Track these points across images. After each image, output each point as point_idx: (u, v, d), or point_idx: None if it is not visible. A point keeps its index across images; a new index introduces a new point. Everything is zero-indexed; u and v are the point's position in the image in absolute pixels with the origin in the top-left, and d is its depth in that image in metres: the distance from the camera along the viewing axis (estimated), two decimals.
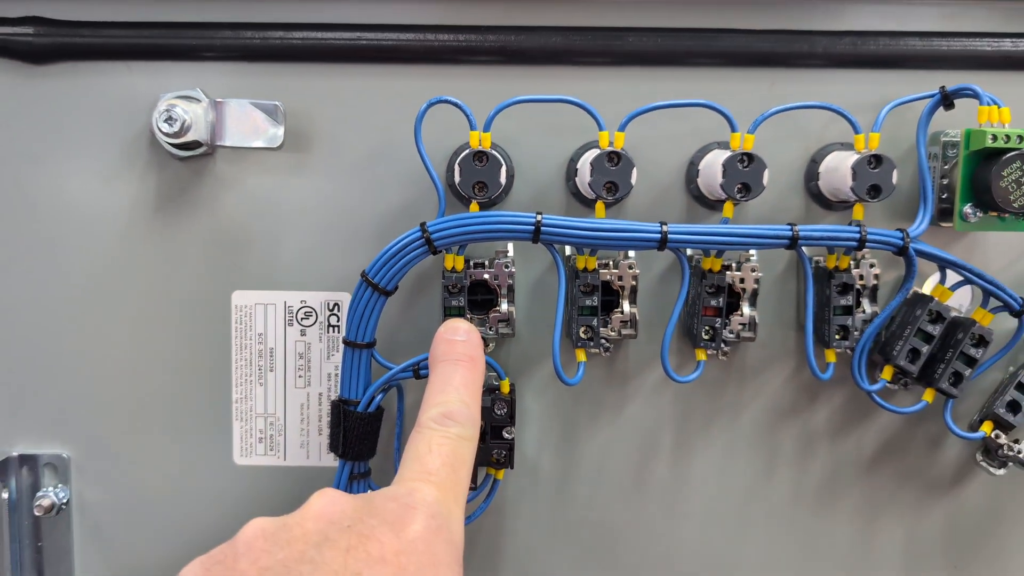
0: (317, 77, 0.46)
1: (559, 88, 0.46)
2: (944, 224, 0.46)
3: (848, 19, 0.47)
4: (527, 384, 0.49)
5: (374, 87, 0.46)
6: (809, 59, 0.46)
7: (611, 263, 0.46)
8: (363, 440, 0.45)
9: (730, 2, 0.47)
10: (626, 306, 0.47)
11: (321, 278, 0.48)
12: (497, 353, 0.48)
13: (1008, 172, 0.42)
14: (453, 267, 0.45)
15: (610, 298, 0.47)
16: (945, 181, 0.45)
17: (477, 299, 0.47)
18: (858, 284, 0.46)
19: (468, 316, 0.46)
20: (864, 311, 0.46)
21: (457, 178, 0.43)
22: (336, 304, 0.48)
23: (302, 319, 0.48)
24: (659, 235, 0.42)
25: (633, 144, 0.46)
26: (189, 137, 0.44)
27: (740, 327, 0.46)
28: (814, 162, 0.47)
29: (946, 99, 0.44)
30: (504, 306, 0.46)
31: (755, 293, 0.46)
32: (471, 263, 0.46)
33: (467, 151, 0.43)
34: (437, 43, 0.46)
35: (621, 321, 0.47)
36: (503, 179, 0.43)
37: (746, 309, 0.46)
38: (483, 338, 0.46)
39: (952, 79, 0.46)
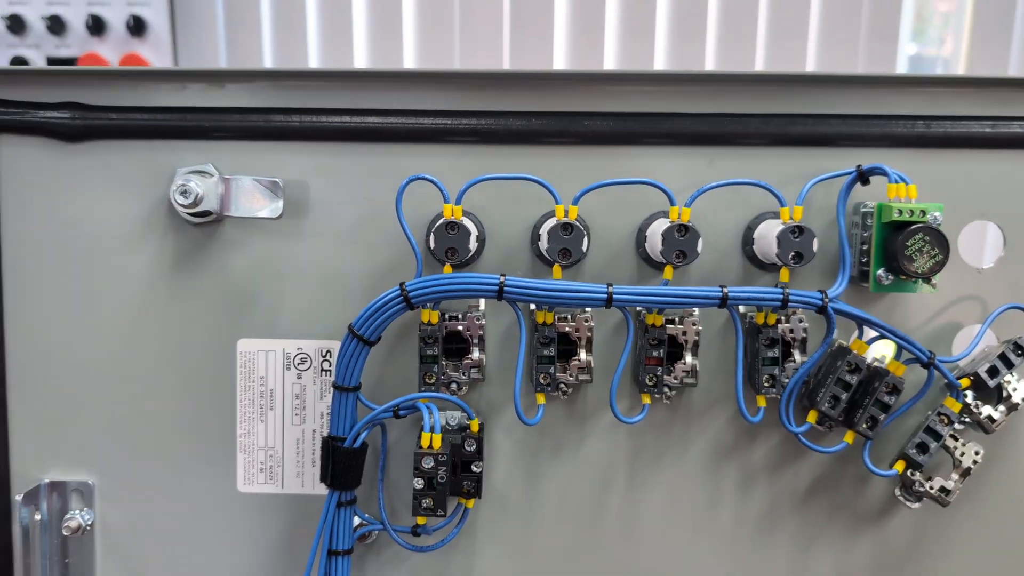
0: (313, 154, 0.53)
1: (525, 164, 0.53)
2: (865, 284, 0.52)
3: (778, 103, 0.53)
4: (497, 424, 0.55)
5: (363, 163, 0.53)
6: (744, 138, 0.53)
7: (569, 316, 0.52)
8: (349, 472, 0.51)
9: (674, 90, 0.53)
10: (583, 355, 0.53)
11: (315, 328, 0.54)
12: (469, 396, 0.54)
13: (912, 243, 0.48)
14: (429, 320, 0.51)
15: (569, 347, 0.53)
16: (865, 247, 0.51)
17: (452, 347, 0.53)
18: (789, 337, 0.52)
19: (443, 363, 0.52)
20: (795, 360, 0.52)
21: (432, 245, 0.50)
22: (328, 351, 0.54)
23: (298, 364, 0.55)
24: (605, 295, 0.49)
25: (590, 212, 0.53)
26: (201, 207, 0.51)
27: (683, 374, 0.52)
28: (749, 229, 0.53)
29: (862, 176, 0.50)
30: (476, 354, 0.53)
31: (696, 344, 0.52)
32: (447, 316, 0.53)
33: (441, 221, 0.50)
34: (418, 126, 0.53)
35: (579, 368, 0.53)
36: (472, 245, 0.50)
37: (688, 358, 0.52)
38: (456, 382, 0.52)
39: (873, 156, 0.52)
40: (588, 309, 0.53)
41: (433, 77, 0.53)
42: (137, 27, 1.17)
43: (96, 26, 1.17)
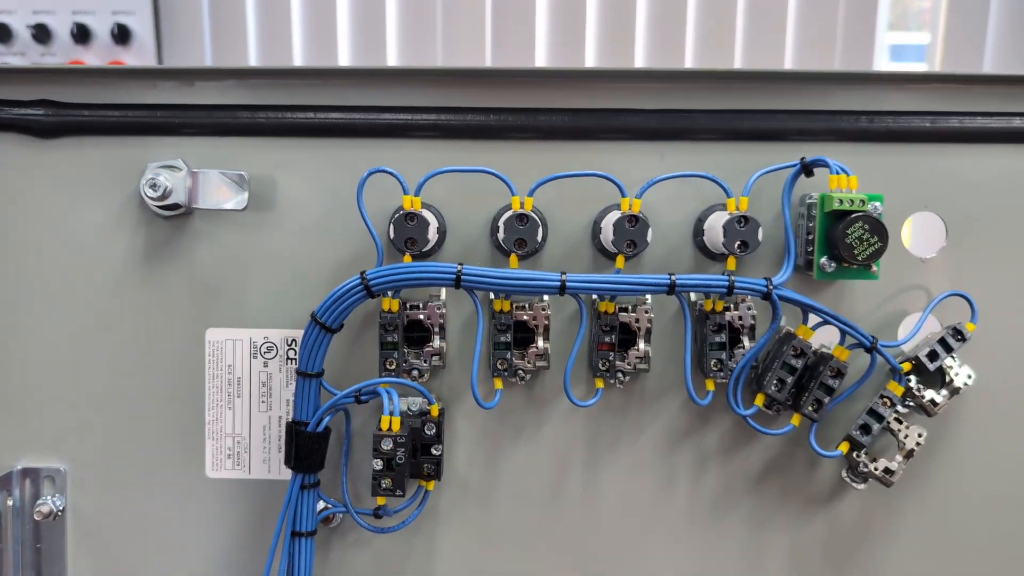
0: (279, 149, 0.55)
1: (484, 158, 0.54)
2: (810, 273, 0.54)
3: (726, 99, 0.55)
4: (458, 410, 0.57)
5: (327, 158, 0.55)
6: (693, 133, 0.55)
7: (527, 305, 0.54)
8: (312, 455, 0.52)
9: (626, 87, 0.55)
10: (540, 342, 0.55)
11: (281, 318, 0.56)
12: (431, 383, 0.56)
13: (852, 231, 0.50)
14: (390, 308, 0.53)
15: (528, 335, 0.55)
16: (810, 236, 0.53)
17: (414, 336, 0.55)
18: (738, 323, 0.54)
19: (405, 350, 0.54)
20: (743, 346, 0.54)
21: (391, 235, 0.52)
22: (294, 340, 0.56)
23: (265, 353, 0.56)
24: (559, 283, 0.51)
25: (548, 205, 0.55)
26: (170, 201, 0.53)
27: (637, 360, 0.54)
28: (700, 220, 0.55)
29: (806, 168, 0.52)
30: (437, 342, 0.55)
31: (648, 331, 0.54)
32: (408, 305, 0.54)
33: (400, 212, 0.52)
34: (380, 121, 0.55)
35: (536, 355, 0.55)
36: (431, 236, 0.52)
37: (641, 344, 0.54)
38: (417, 369, 0.54)
39: (819, 150, 0.54)
40: (546, 298, 0.54)
41: (394, 75, 0.55)
42: (122, 35, 1.19)
43: (81, 34, 1.19)
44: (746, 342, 0.54)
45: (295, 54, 1.24)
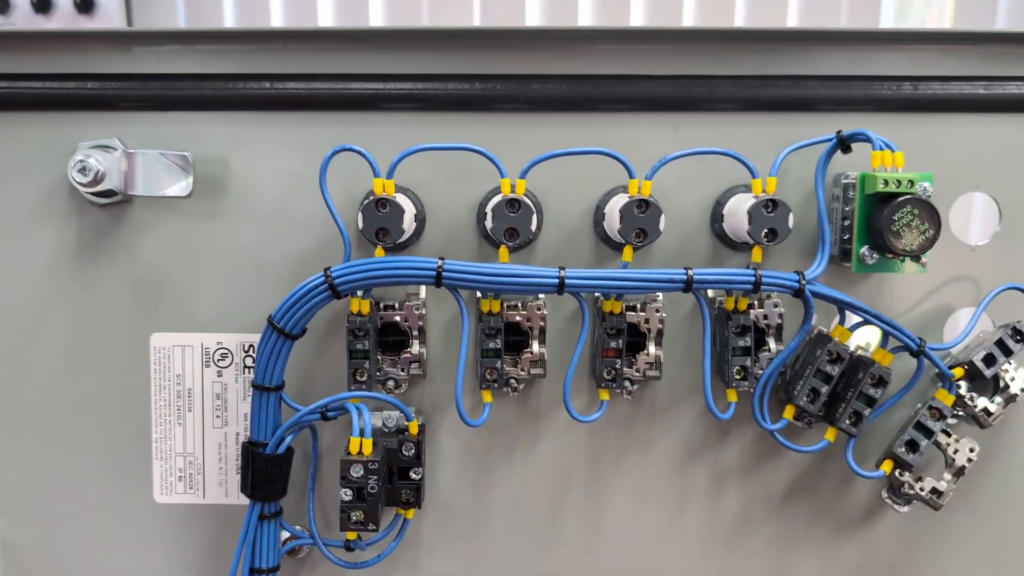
0: (229, 125, 0.47)
1: (468, 134, 0.47)
2: (847, 264, 0.47)
3: (750, 63, 0.48)
4: (440, 424, 0.49)
5: (285, 135, 0.48)
6: (711, 103, 0.47)
7: (520, 304, 0.47)
8: (272, 481, 0.45)
9: (634, 49, 0.48)
10: (535, 346, 0.47)
11: (237, 320, 0.49)
12: (410, 394, 0.49)
13: (899, 216, 0.43)
14: (359, 311, 0.45)
15: (521, 338, 0.48)
16: (847, 222, 0.46)
17: (390, 340, 0.48)
18: (763, 323, 0.47)
19: (379, 357, 0.47)
20: (769, 349, 0.47)
21: (360, 225, 0.44)
22: (251, 346, 0.49)
23: (219, 360, 0.49)
24: (557, 280, 0.43)
25: (542, 188, 0.47)
26: (104, 187, 0.45)
27: (646, 366, 0.47)
28: (719, 204, 0.48)
29: (842, 143, 0.45)
30: (416, 347, 0.47)
31: (660, 333, 0.47)
32: (382, 305, 0.47)
33: (371, 198, 0.44)
34: (346, 92, 0.47)
35: (531, 361, 0.47)
36: (407, 225, 0.44)
37: (652, 348, 0.47)
38: (394, 379, 0.47)
39: (855, 122, 0.47)
40: (542, 296, 0.47)
41: (363, 36, 0.48)
42: (84, 3, 1.11)
43: (41, 3, 1.11)
44: (772, 345, 0.47)
45: (273, 16, 1.15)
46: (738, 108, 0.48)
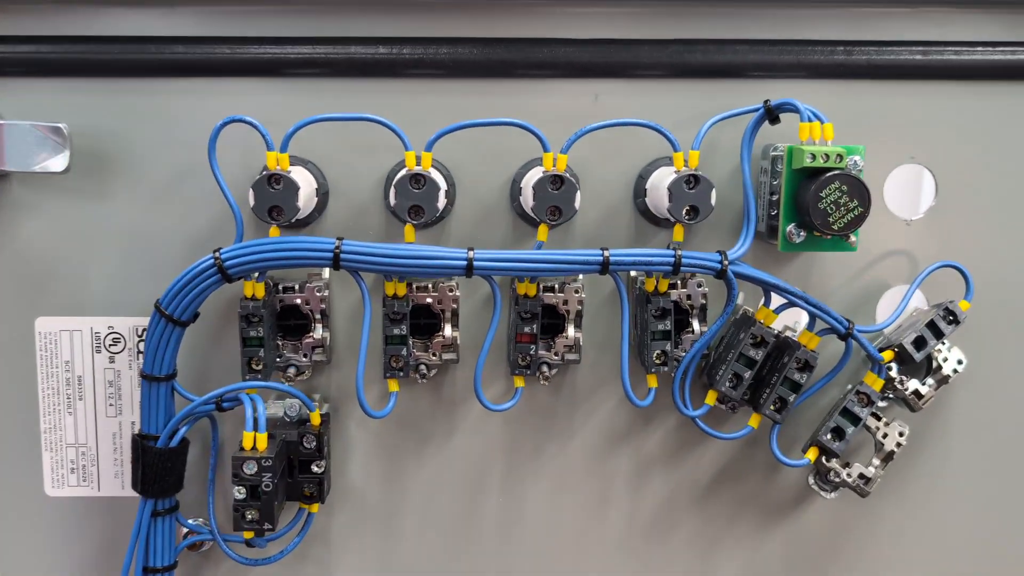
0: (113, 94, 0.44)
1: (374, 102, 0.44)
2: (775, 242, 0.44)
3: (673, 26, 0.45)
4: (350, 414, 0.47)
5: (175, 104, 0.44)
6: (633, 69, 0.44)
7: (430, 286, 0.44)
8: (165, 476, 0.43)
9: (551, 11, 0.44)
10: (448, 330, 0.45)
11: (129, 303, 0.45)
12: (315, 380, 0.46)
13: (827, 193, 0.41)
14: (253, 295, 0.42)
15: (432, 321, 0.45)
16: (775, 197, 0.44)
17: (291, 324, 0.45)
18: (687, 304, 0.45)
19: (279, 342, 0.44)
20: (693, 331, 0.45)
21: (251, 202, 0.41)
22: (145, 330, 0.45)
23: (110, 346, 0.46)
24: (465, 262, 0.40)
25: (454, 161, 0.44)
26: None
27: (565, 349, 0.45)
28: (642, 178, 0.45)
29: (770, 113, 0.42)
30: (318, 331, 0.44)
31: (580, 314, 0.44)
32: (281, 287, 0.44)
33: (264, 173, 0.41)
34: (241, 55, 0.44)
35: (442, 346, 0.45)
36: (303, 202, 0.41)
37: (571, 331, 0.45)
38: (295, 365, 0.44)
39: (785, 90, 0.45)
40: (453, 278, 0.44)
41: None
42: None
43: None
44: (696, 326, 0.45)
45: None
46: (662, 74, 0.45)
